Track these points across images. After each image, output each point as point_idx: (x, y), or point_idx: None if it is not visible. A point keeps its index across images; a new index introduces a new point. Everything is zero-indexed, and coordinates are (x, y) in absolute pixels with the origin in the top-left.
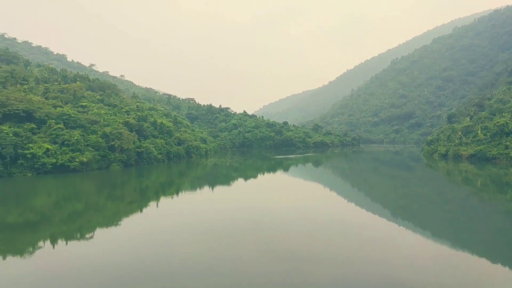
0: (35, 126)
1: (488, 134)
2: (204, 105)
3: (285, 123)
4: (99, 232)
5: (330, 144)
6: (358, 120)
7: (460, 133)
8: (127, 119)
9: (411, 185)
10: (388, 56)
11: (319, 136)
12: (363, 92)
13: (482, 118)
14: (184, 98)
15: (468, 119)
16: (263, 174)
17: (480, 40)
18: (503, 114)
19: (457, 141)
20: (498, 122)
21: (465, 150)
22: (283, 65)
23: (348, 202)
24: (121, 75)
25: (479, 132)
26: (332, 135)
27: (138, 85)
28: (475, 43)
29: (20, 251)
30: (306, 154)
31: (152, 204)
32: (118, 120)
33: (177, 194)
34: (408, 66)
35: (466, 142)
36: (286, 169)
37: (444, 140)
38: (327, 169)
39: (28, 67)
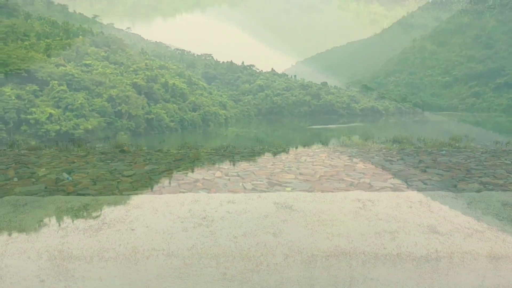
0: (38, 88)
1: None
2: (223, 62)
3: (324, 83)
4: None
5: (384, 112)
6: (422, 80)
7: None
8: (135, 80)
9: None
10: None
11: (369, 101)
12: (431, 42)
13: None
14: (199, 54)
15: None
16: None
17: None
18: None
19: None
20: None
21: None
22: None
23: None
24: (128, 28)
25: None
26: (386, 100)
27: (147, 39)
28: None
29: None
30: (351, 124)
31: None
32: (125, 81)
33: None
34: None
35: None
36: (325, 143)
37: None
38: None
39: (29, 20)
